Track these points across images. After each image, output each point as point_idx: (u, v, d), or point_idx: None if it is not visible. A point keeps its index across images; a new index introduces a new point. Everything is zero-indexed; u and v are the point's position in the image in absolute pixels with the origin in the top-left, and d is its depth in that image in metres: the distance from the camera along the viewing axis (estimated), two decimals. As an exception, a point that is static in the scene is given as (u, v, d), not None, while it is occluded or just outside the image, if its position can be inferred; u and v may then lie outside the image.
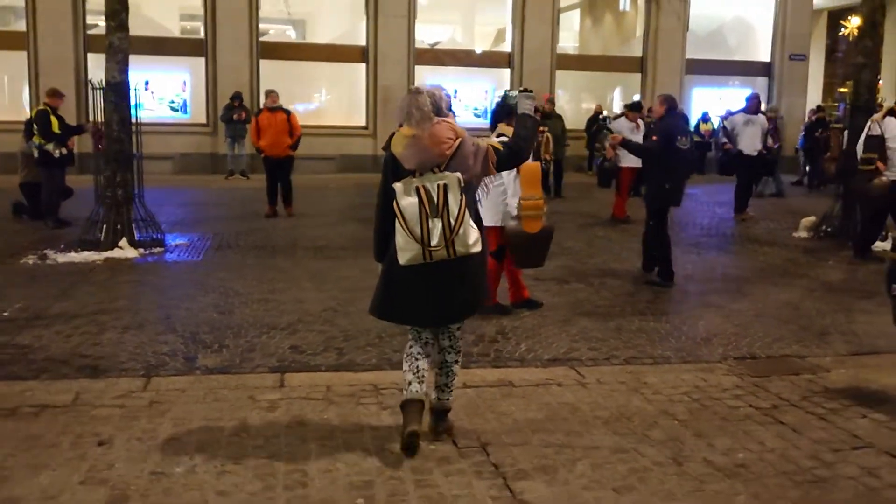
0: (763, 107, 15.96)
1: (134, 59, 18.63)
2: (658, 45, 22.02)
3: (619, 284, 8.11)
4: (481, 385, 5.04)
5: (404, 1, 20.08)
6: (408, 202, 3.84)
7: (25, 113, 18.38)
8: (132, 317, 6.48)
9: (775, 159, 15.68)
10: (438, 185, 3.84)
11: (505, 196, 6.55)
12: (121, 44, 9.33)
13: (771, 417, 4.66)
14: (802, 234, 11.41)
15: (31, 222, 11.27)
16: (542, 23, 21.03)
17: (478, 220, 4.02)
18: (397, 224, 3.86)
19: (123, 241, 9.18)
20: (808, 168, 19.40)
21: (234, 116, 17.95)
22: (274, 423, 4.35)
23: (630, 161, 11.20)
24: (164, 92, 19.35)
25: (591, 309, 7.10)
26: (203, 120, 19.54)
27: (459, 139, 3.94)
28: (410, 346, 4.19)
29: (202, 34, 19.50)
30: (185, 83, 19.69)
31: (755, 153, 13.03)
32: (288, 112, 12.47)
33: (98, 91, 9.56)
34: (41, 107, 11.16)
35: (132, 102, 9.52)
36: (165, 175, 17.36)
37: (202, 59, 19.28)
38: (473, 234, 3.91)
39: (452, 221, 3.83)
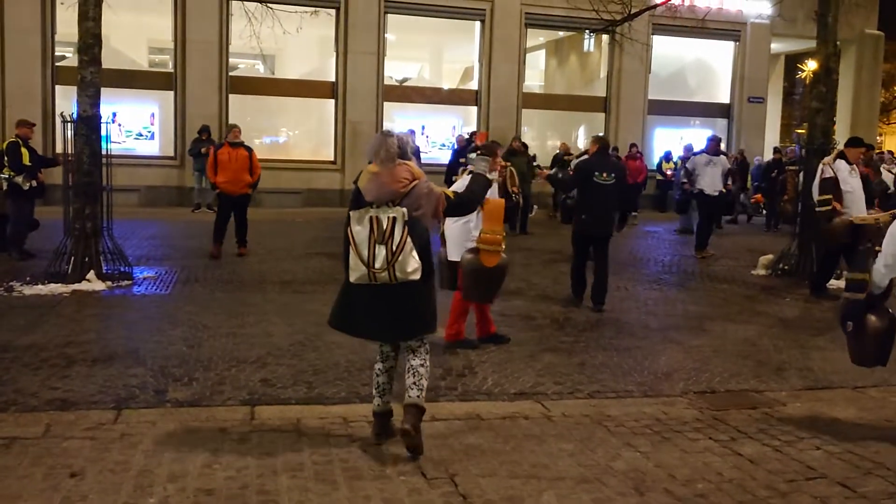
0: (723, 146, 16.42)
1: (102, 92, 18.81)
2: (621, 86, 22.52)
3: (583, 320, 8.28)
4: (449, 418, 5.15)
5: (374, 38, 20.34)
6: (359, 228, 4.42)
7: (-10, 143, 18.37)
8: (101, 350, 6.49)
9: (732, 199, 16.07)
10: (388, 217, 4.39)
11: (471, 232, 6.72)
12: (93, 78, 9.41)
13: (729, 449, 4.83)
14: (761, 271, 11.72)
15: (-4, 253, 11.18)
16: (508, 62, 21.42)
17: (424, 254, 4.48)
18: (349, 247, 4.44)
19: (91, 274, 9.17)
20: (763, 210, 19.89)
21: (203, 150, 17.91)
22: (245, 455, 4.41)
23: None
24: (131, 124, 19.34)
25: (556, 344, 7.25)
26: (171, 153, 19.54)
27: (415, 181, 4.52)
28: (376, 364, 4.80)
29: (171, 67, 19.57)
30: (153, 116, 19.72)
31: (716, 193, 13.38)
32: (249, 149, 11.91)
33: (69, 123, 9.58)
34: (12, 138, 11.12)
35: (102, 135, 9.57)
36: (132, 207, 17.30)
37: (171, 93, 19.33)
38: (413, 264, 4.41)
39: (395, 249, 4.37)
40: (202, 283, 9.59)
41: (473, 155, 5.66)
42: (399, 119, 21.22)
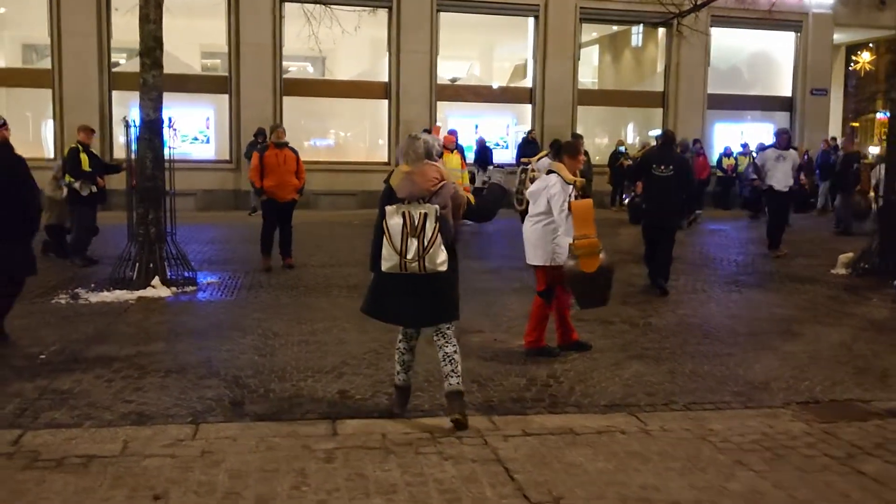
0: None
1: (158, 96, 18.81)
2: (679, 80, 21.97)
3: (664, 325, 7.90)
4: (542, 433, 4.84)
5: (426, 37, 20.12)
6: (394, 221, 4.80)
7: (49, 151, 18.56)
8: (172, 360, 6.31)
9: (808, 194, 15.48)
10: (420, 213, 4.78)
11: (555, 235, 6.41)
12: (155, 81, 9.27)
13: (849, 467, 4.44)
14: (840, 270, 11.18)
15: (57, 261, 11.14)
16: (562, 58, 21.03)
17: (449, 247, 4.89)
18: (384, 238, 4.81)
19: (156, 280, 9.05)
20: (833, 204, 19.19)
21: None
22: (333, 475, 4.15)
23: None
24: (187, 129, 19.37)
25: (640, 351, 6.89)
26: (226, 156, 19.54)
27: (443, 182, 4.94)
28: (399, 342, 5.21)
29: (226, 71, 19.56)
30: (208, 120, 19.74)
31: (786, 189, 12.83)
32: (295, 151, 11.17)
33: (132, 128, 9.47)
34: (73, 144, 11.08)
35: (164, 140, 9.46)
36: (189, 212, 17.25)
37: (226, 96, 19.33)
38: (441, 256, 4.81)
39: (426, 242, 4.76)
40: (267, 289, 9.40)
41: (496, 172, 6.02)
42: (451, 119, 20.96)
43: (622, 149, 20.41)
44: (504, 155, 20.96)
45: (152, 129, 9.27)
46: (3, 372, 5.89)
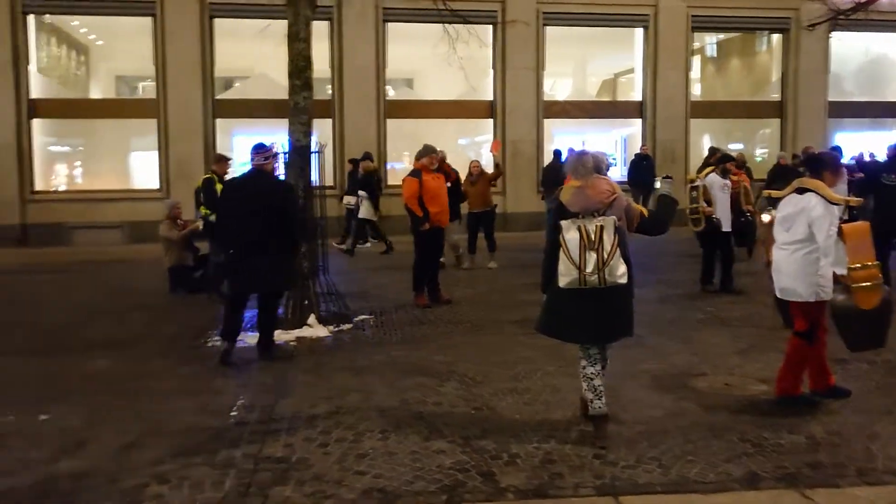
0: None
1: (264, 122, 18.47)
2: (798, 88, 20.72)
3: (909, 362, 6.83)
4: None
5: (532, 53, 19.34)
6: (571, 236, 4.77)
7: (155, 180, 18.25)
8: (379, 416, 5.49)
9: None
10: (596, 226, 4.75)
11: (818, 265, 5.41)
12: (306, 104, 8.60)
13: None
14: None
15: (188, 296, 10.57)
16: (674, 69, 20.03)
17: (627, 260, 4.81)
18: (561, 254, 4.77)
19: (312, 319, 8.32)
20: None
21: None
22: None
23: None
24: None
25: (910, 397, 5.86)
26: (330, 181, 18.95)
27: (616, 194, 4.94)
28: (584, 368, 5.03)
29: (329, 94, 19.03)
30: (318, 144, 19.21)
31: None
32: (446, 172, 10.91)
33: (281, 155, 8.80)
34: (207, 174, 10.50)
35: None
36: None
37: (329, 120, 18.78)
38: (621, 268, 4.77)
39: (605, 255, 4.71)
40: (430, 326, 8.58)
41: (658, 182, 5.83)
42: (559, 137, 20.09)
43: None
44: (613, 173, 19.94)
45: (302, 154, 8.60)
46: (200, 436, 5.16)
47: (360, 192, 15.83)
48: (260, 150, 7.30)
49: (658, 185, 5.69)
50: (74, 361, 7.30)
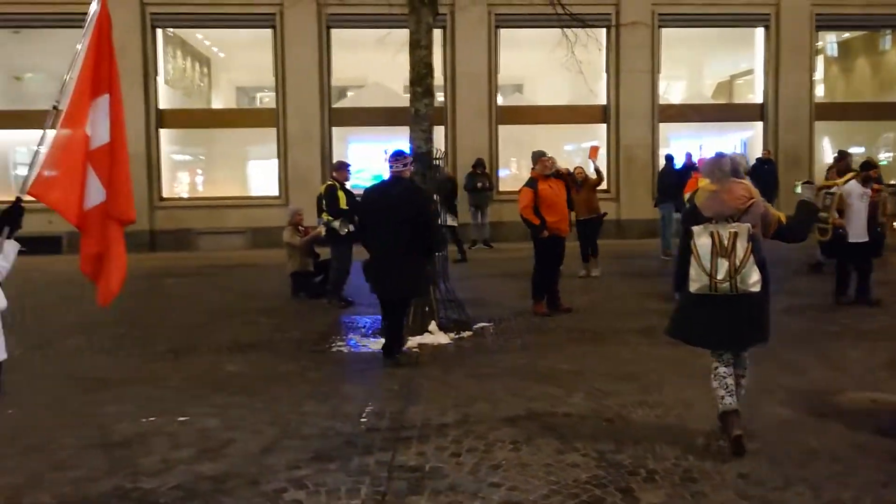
0: None
1: (374, 130, 18.78)
2: (934, 87, 19.61)
3: None
4: None
5: (647, 55, 18.96)
6: (703, 241, 4.71)
7: (274, 187, 18.80)
8: (510, 427, 5.40)
9: None
10: (729, 232, 4.66)
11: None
12: (427, 111, 8.66)
13: None
14: None
15: (310, 301, 10.79)
16: (797, 70, 19.24)
17: (762, 268, 4.71)
18: (692, 259, 4.74)
19: (433, 325, 8.35)
20: None
21: (479, 185, 17.33)
22: None
23: None
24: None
25: None
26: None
27: (753, 200, 4.79)
28: (717, 368, 4.95)
29: (441, 101, 19.15)
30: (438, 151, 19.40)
31: None
32: (563, 177, 10.45)
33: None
34: (329, 182, 10.71)
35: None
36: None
37: (441, 127, 18.89)
38: (754, 276, 4.67)
39: (737, 262, 4.63)
40: (551, 335, 8.47)
41: (798, 184, 5.60)
42: (675, 141, 19.61)
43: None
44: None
45: (424, 162, 8.65)
46: (333, 442, 5.22)
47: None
48: (398, 157, 7.48)
49: (798, 189, 5.42)
50: (207, 363, 7.55)
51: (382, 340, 8.15)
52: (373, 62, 20.19)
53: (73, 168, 4.00)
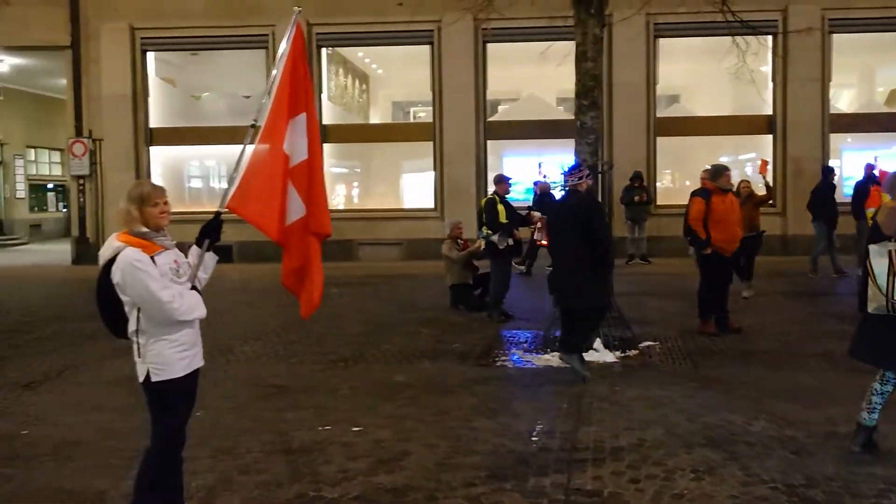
0: None
1: (528, 143, 18.78)
2: None
3: None
4: None
5: (817, 63, 17.99)
6: (878, 261, 4.54)
7: (430, 200, 19.14)
8: (686, 453, 5.22)
9: None
10: None
11: None
12: (593, 123, 8.58)
13: None
14: None
15: (469, 314, 10.86)
16: None
17: None
18: (868, 278, 4.58)
19: (598, 343, 8.20)
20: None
21: (636, 198, 16.95)
22: None
23: None
24: (556, 174, 18.96)
25: None
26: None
27: None
28: (873, 384, 4.91)
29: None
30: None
31: None
32: (739, 194, 10.29)
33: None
34: (490, 195, 10.78)
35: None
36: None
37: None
38: None
39: None
40: (721, 355, 8.15)
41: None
42: (847, 153, 18.54)
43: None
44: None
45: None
46: (506, 459, 5.21)
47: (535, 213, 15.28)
48: (573, 171, 7.62)
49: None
50: (376, 373, 7.75)
51: (546, 356, 8.14)
52: (526, 75, 20.24)
53: (273, 186, 4.18)
